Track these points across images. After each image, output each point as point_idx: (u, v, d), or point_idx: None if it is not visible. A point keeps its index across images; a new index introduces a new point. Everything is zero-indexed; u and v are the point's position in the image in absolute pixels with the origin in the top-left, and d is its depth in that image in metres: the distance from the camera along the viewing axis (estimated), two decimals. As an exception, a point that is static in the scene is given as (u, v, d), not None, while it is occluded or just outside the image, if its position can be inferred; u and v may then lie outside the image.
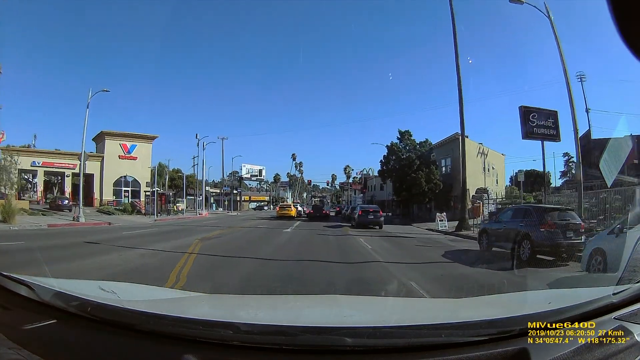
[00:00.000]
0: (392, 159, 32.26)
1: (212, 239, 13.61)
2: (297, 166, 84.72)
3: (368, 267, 8.12)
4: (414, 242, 14.25)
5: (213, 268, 7.53)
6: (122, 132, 39.84)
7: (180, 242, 11.70)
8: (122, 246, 10.47)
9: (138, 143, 39.73)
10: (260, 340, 1.25)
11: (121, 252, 9.31)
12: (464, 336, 1.27)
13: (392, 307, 2.39)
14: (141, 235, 14.45)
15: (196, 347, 1.21)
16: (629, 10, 0.90)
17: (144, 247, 10.45)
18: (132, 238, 13.17)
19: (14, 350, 1.21)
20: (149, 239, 13.07)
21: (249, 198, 70.50)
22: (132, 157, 39.18)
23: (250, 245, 11.97)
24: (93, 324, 1.33)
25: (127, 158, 39.01)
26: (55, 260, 7.54)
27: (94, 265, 7.36)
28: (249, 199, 70.74)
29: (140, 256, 8.78)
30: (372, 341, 1.25)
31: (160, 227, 19.63)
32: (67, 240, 11.93)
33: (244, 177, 67.36)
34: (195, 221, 26.04)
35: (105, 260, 8.03)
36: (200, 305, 2.15)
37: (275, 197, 73.07)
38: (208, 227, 19.49)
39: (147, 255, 9.02)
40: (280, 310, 2.15)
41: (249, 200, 70.51)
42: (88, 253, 9.22)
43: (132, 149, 39.40)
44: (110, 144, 38.36)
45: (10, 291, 1.42)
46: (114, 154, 38.35)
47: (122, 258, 8.41)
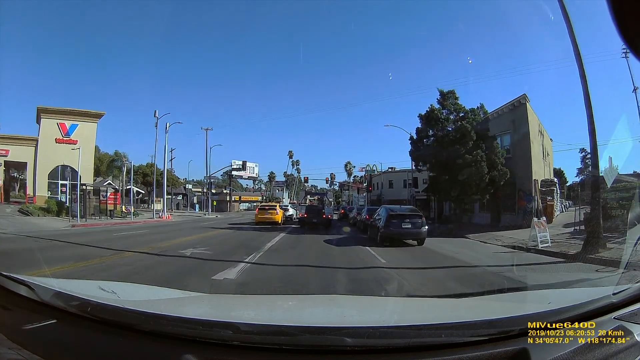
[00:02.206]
0: (429, 133, 20.93)
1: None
2: (294, 164, 78.43)
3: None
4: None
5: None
6: (60, 108, 30.34)
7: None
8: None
9: (80, 122, 29.80)
10: (260, 340, 1.25)
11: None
12: (464, 336, 1.27)
13: (392, 307, 2.40)
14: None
15: (196, 347, 1.22)
16: (629, 10, 0.90)
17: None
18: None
19: (14, 350, 1.21)
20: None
21: (239, 198, 62.50)
22: (71, 141, 28.81)
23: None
24: (93, 324, 1.34)
25: (66, 142, 28.85)
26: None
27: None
28: (239, 198, 62.29)
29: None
30: (372, 341, 1.25)
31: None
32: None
33: (235, 174, 57.65)
34: (114, 231, 16.28)
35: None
36: (200, 305, 2.16)
37: (270, 197, 64.38)
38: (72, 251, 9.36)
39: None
40: (280, 310, 2.16)
41: (239, 200, 62.24)
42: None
43: (72, 129, 29.38)
44: (47, 124, 29.00)
45: (10, 291, 1.43)
46: (51, 136, 28.79)
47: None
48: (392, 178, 47.58)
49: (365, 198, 48.86)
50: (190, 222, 25.78)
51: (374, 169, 50.36)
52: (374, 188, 50.13)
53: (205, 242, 12.09)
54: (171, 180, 42.68)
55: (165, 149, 32.45)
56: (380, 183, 49.57)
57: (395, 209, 13.80)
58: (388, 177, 48.75)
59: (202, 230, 17.40)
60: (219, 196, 54.26)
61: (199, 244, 11.34)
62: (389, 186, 46.27)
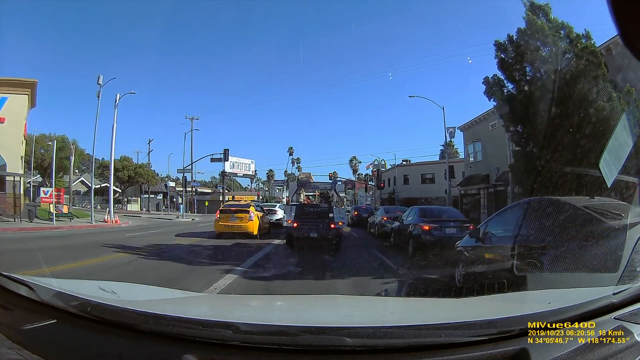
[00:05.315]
0: (515, 71, 11.35)
1: None
2: (294, 162, 71.81)
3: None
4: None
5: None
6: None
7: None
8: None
9: (9, 95, 22.21)
10: (260, 340, 1.25)
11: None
12: (464, 336, 1.27)
13: (392, 307, 2.41)
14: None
15: (196, 347, 1.22)
16: (630, 13, 0.90)
17: None
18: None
19: (14, 350, 1.21)
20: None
21: (232, 197, 54.27)
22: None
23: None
24: (93, 324, 1.34)
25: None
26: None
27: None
28: (232, 198, 54.32)
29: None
30: (372, 341, 1.26)
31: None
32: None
33: (228, 171, 50.56)
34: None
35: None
36: (200, 305, 2.16)
37: (268, 197, 57.33)
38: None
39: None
40: (280, 310, 2.17)
41: (233, 200, 56.42)
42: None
43: (1, 104, 22.10)
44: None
45: (10, 291, 1.43)
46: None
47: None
48: (408, 172, 40.39)
49: (372, 197, 41.91)
50: (136, 229, 19.22)
51: (382, 163, 41.90)
52: (384, 185, 39.65)
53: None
54: (146, 176, 37.00)
55: (114, 129, 24.69)
56: (392, 179, 41.09)
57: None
58: (402, 171, 41.33)
59: (85, 256, 8.95)
60: (210, 196, 50.34)
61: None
62: (403, 182, 39.33)
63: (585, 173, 7.54)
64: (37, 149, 30.84)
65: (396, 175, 41.02)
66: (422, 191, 36.28)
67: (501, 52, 11.78)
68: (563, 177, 8.54)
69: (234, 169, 51.76)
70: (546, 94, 10.19)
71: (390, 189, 41.12)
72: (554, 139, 9.54)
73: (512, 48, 11.71)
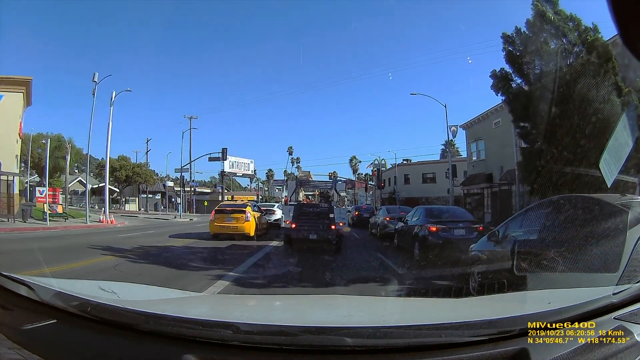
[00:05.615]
0: (524, 64, 10.98)
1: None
2: (294, 162, 71.47)
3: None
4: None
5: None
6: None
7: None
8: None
9: (3, 93, 22.15)
10: (260, 340, 1.25)
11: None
12: (464, 336, 1.27)
13: (392, 307, 2.41)
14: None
15: (196, 347, 1.22)
16: (630, 12, 0.90)
17: None
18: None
19: (14, 350, 1.21)
20: None
21: (231, 197, 55.11)
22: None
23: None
24: (93, 324, 1.34)
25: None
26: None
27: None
28: (232, 198, 55.64)
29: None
30: (372, 341, 1.26)
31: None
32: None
33: (228, 171, 50.20)
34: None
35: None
36: (200, 305, 2.17)
37: (267, 197, 55.81)
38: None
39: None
40: (280, 310, 2.17)
41: (232, 199, 55.26)
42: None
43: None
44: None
45: (10, 291, 1.43)
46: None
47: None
48: (409, 172, 40.81)
49: (372, 197, 42.37)
50: (130, 229, 19.08)
51: (383, 163, 41.70)
52: (385, 185, 39.78)
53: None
54: (144, 175, 36.61)
55: (110, 127, 24.78)
56: (392, 179, 41.01)
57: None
58: (403, 170, 41.66)
59: (68, 259, 8.37)
60: (210, 196, 50.39)
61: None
62: (404, 181, 39.46)
63: (596, 171, 6.53)
64: (34, 148, 30.60)
65: (397, 175, 40.66)
66: (423, 191, 36.23)
67: (509, 45, 11.23)
68: (577, 176, 8.01)
69: (233, 168, 51.63)
70: (556, 88, 9.42)
71: (390, 189, 40.76)
72: (565, 136, 9.13)
73: (519, 40, 11.14)
